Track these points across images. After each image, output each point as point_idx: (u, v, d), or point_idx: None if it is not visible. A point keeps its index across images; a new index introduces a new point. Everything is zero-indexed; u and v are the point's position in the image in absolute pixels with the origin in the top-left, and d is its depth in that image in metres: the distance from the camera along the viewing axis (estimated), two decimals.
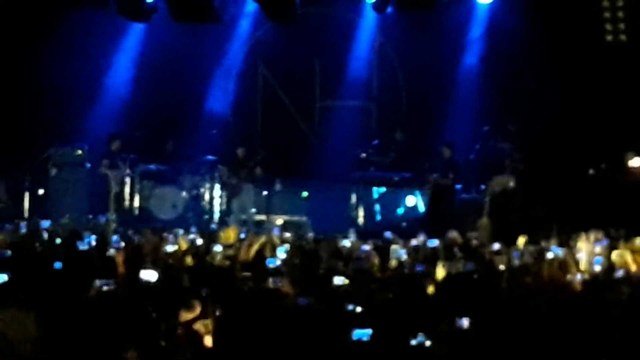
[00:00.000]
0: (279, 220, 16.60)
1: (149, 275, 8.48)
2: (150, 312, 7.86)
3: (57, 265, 11.15)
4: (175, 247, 12.01)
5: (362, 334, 6.91)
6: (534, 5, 18.66)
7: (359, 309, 8.38)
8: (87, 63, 19.89)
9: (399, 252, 12.14)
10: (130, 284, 9.28)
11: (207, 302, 8.04)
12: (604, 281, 10.70)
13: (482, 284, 10.23)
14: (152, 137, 19.53)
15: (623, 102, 18.21)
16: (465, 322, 7.27)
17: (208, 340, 7.69)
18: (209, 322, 7.80)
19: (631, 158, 17.60)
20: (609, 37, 18.17)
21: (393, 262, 11.89)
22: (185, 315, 7.77)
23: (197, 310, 7.81)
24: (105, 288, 8.18)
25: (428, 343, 6.89)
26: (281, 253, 12.00)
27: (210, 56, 20.45)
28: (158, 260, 11.48)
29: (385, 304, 8.80)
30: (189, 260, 11.96)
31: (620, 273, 10.80)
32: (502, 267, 11.58)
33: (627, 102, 18.16)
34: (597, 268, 11.57)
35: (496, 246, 13.03)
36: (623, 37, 18.08)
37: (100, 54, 20.15)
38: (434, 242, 12.91)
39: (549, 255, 11.86)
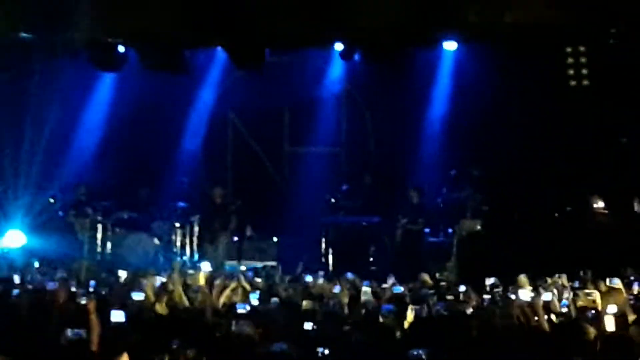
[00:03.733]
0: (242, 267, 16.66)
1: (118, 316, 8.52)
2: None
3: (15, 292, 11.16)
4: (142, 296, 11.94)
5: None
6: (499, 52, 18.96)
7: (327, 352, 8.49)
8: (59, 111, 19.95)
9: (367, 295, 12.26)
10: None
11: (178, 351, 8.08)
12: (573, 322, 10.87)
13: (452, 326, 10.36)
14: (124, 184, 19.61)
15: (587, 145, 18.49)
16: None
17: None
18: None
19: (596, 201, 17.86)
20: (573, 82, 18.45)
21: (361, 304, 12.02)
22: None
23: None
24: (76, 337, 8.17)
25: None
26: (253, 299, 12.07)
27: (180, 105, 20.55)
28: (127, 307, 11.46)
29: (356, 345, 8.90)
30: (159, 307, 11.98)
31: (590, 314, 10.98)
32: (469, 310, 11.76)
33: (592, 146, 18.45)
34: (565, 310, 11.74)
35: (462, 288, 13.21)
36: (586, 82, 18.37)
37: (72, 102, 20.21)
38: (399, 289, 13.01)
39: (518, 297, 12.03)
